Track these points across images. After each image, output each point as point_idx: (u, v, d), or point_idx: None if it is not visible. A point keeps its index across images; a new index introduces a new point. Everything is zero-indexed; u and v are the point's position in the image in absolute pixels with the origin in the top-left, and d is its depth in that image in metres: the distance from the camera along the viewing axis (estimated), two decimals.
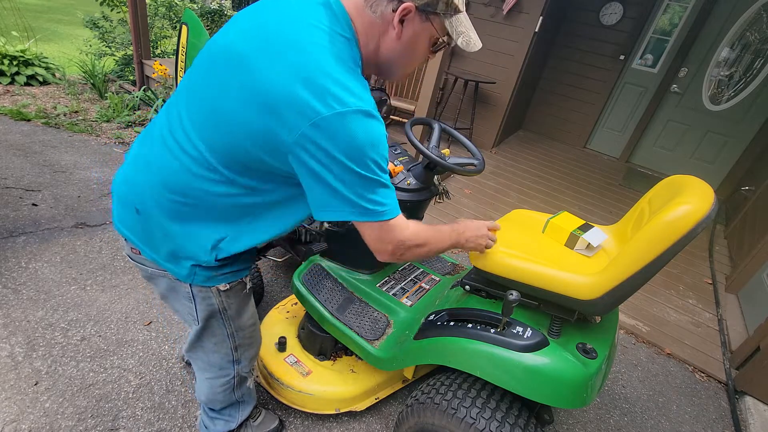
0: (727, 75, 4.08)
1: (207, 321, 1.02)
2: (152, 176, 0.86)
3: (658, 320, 2.46)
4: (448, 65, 4.38)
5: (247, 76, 0.73)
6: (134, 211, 0.90)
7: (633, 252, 0.98)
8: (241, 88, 0.74)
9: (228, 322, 1.05)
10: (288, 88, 0.70)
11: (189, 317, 1.02)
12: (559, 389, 1.04)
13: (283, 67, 0.71)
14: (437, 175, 1.53)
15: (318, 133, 0.71)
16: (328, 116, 0.70)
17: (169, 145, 0.84)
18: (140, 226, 0.91)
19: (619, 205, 3.79)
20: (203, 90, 0.81)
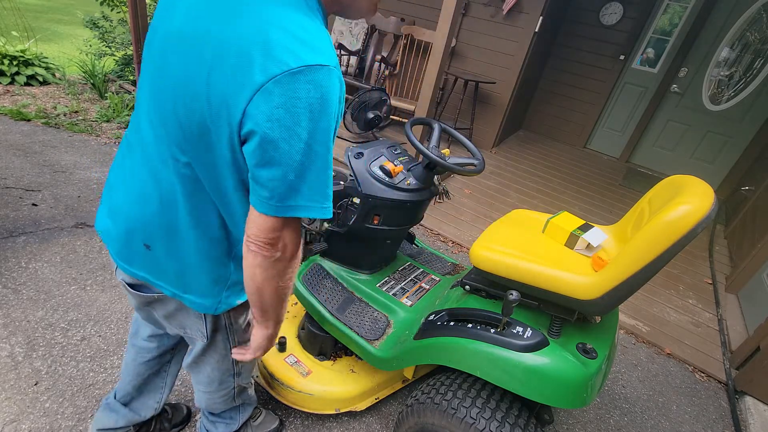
0: (727, 75, 4.08)
1: (214, 337, 0.99)
2: (151, 206, 0.79)
3: (658, 320, 2.46)
4: (448, 65, 4.38)
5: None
6: (143, 247, 0.83)
7: (633, 252, 0.98)
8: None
9: (233, 337, 1.02)
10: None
11: (197, 333, 0.98)
12: (559, 389, 1.04)
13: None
14: (437, 175, 1.53)
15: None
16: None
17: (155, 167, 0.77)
18: (154, 262, 0.84)
19: (619, 205, 3.79)
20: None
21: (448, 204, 3.34)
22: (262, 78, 0.60)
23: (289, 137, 0.62)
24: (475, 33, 4.15)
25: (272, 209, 0.67)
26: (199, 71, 0.65)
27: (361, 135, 3.78)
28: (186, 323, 0.97)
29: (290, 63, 0.60)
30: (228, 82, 0.62)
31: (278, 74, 0.60)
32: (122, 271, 0.89)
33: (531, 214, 1.50)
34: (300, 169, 0.65)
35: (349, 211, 1.53)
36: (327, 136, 0.66)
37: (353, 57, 4.55)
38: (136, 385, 1.23)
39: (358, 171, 1.45)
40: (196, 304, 0.88)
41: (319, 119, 0.63)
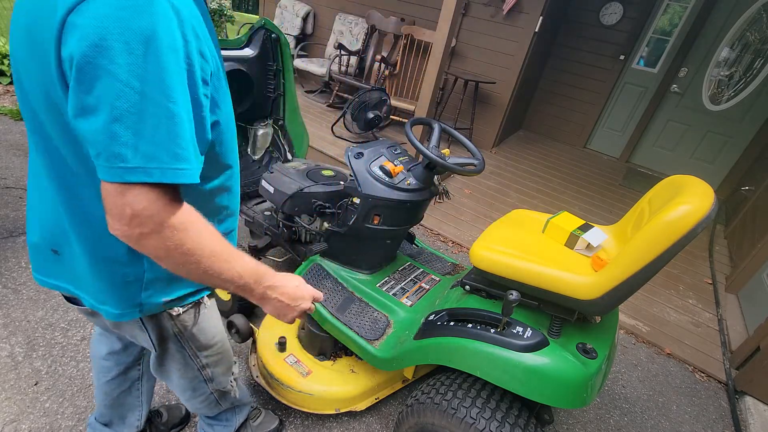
0: (727, 75, 4.08)
1: (164, 346, 0.90)
2: (43, 204, 0.74)
3: (658, 320, 2.46)
4: (448, 65, 4.38)
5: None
6: (52, 253, 0.76)
7: (633, 252, 0.98)
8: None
9: (187, 344, 0.92)
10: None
11: (146, 344, 0.89)
12: (559, 389, 1.04)
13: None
14: (437, 175, 1.54)
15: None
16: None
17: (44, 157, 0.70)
18: (65, 268, 0.77)
19: (619, 205, 3.78)
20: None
21: (448, 204, 3.34)
22: (62, 11, 0.52)
23: (105, 77, 0.52)
24: (475, 33, 4.15)
25: (102, 171, 0.55)
26: (23, 36, 0.60)
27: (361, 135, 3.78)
28: (132, 333, 0.88)
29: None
30: (42, 29, 0.55)
31: (76, 3, 0.52)
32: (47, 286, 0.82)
33: (531, 214, 1.50)
34: (126, 118, 0.53)
35: (349, 211, 1.53)
36: (163, 78, 0.54)
37: (353, 57, 4.55)
38: (108, 405, 1.18)
39: (358, 171, 1.45)
40: (115, 314, 0.77)
41: (144, 55, 0.52)
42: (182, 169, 0.58)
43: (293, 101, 2.14)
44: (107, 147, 0.54)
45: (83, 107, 0.54)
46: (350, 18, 4.83)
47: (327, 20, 5.15)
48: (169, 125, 0.56)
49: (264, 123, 2.21)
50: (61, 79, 0.56)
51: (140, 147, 0.54)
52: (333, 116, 4.31)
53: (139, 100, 0.53)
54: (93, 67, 0.52)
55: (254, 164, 2.27)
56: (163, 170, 0.56)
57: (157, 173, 0.55)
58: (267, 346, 1.57)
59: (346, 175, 1.87)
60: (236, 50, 1.96)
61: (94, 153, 0.55)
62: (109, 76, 0.52)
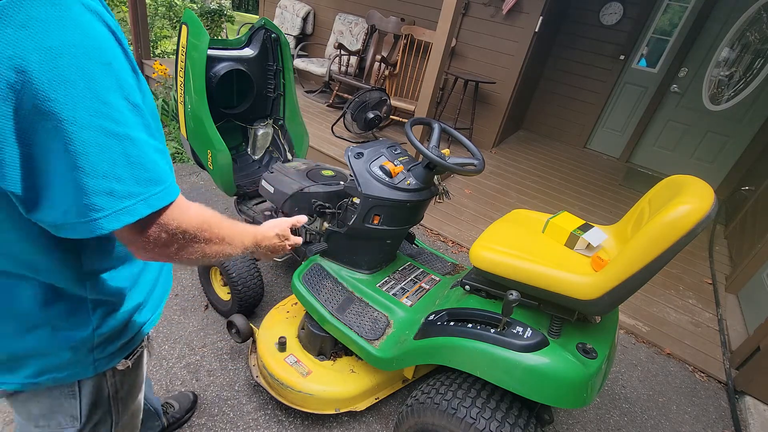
0: (727, 75, 4.08)
1: (91, 417, 0.73)
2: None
3: (658, 320, 2.46)
4: (448, 65, 4.38)
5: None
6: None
7: (633, 252, 0.98)
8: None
9: (116, 409, 0.77)
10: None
11: (66, 419, 0.71)
12: (559, 389, 1.04)
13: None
14: (437, 175, 1.54)
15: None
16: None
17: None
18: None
19: (619, 205, 3.78)
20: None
21: (448, 204, 3.34)
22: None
23: (36, 121, 0.42)
24: (475, 33, 4.15)
25: (79, 229, 0.48)
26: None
27: (361, 135, 3.79)
28: (42, 412, 0.70)
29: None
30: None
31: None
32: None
33: (531, 214, 1.50)
34: (83, 159, 0.45)
35: (349, 211, 1.53)
36: (103, 98, 0.45)
37: (353, 57, 4.55)
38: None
39: (358, 171, 1.45)
40: (60, 378, 0.65)
41: (79, 80, 0.43)
42: (159, 191, 0.53)
43: (293, 101, 2.14)
44: (77, 203, 0.46)
45: (25, 171, 0.44)
46: (350, 18, 4.84)
47: (327, 20, 5.15)
48: (133, 152, 0.49)
49: (264, 123, 2.21)
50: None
51: (116, 188, 0.48)
52: (333, 116, 4.31)
53: (99, 137, 0.45)
54: (22, 115, 0.41)
55: (254, 164, 2.28)
56: (147, 200, 0.51)
57: (141, 207, 0.51)
58: (267, 346, 1.57)
59: (346, 175, 1.88)
60: (236, 50, 1.96)
61: (57, 215, 0.47)
62: (50, 119, 0.42)
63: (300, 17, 5.19)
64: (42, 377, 0.64)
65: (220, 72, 1.84)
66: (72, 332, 0.63)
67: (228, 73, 1.88)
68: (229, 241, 0.65)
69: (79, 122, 0.44)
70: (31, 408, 0.69)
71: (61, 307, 0.61)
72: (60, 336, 0.62)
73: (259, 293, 1.93)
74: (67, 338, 0.63)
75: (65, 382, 0.67)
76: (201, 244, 0.60)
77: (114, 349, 0.70)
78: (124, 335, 0.71)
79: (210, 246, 0.62)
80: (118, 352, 0.71)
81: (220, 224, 0.63)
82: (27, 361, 0.63)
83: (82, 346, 0.65)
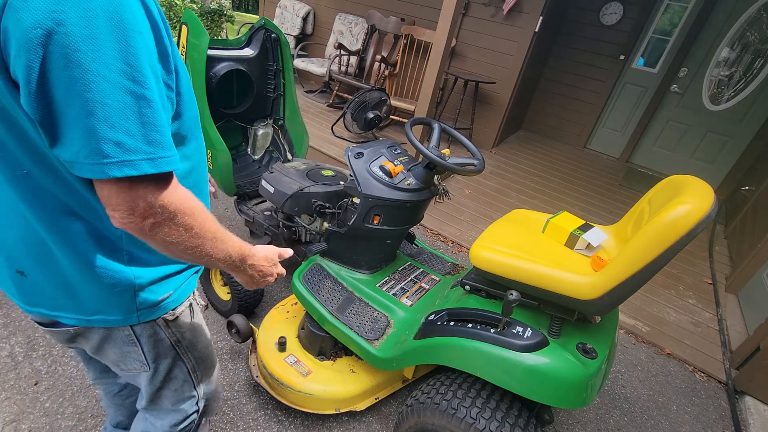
0: (727, 75, 4.08)
1: (159, 363, 0.83)
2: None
3: (658, 320, 2.46)
4: (448, 65, 4.38)
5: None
6: (18, 275, 0.69)
7: (633, 252, 0.98)
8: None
9: (186, 355, 0.86)
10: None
11: (136, 364, 0.82)
12: (559, 389, 1.04)
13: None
14: (437, 175, 1.54)
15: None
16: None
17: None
18: (35, 290, 0.70)
19: (619, 205, 3.78)
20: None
21: (448, 204, 3.34)
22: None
23: (70, 69, 0.47)
24: (475, 33, 4.15)
25: (86, 169, 0.52)
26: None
27: (361, 135, 3.79)
28: (118, 357, 0.80)
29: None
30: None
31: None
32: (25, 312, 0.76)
33: (531, 214, 1.50)
34: (103, 111, 0.49)
35: (349, 211, 1.53)
36: (135, 64, 0.51)
37: (353, 57, 4.55)
38: (125, 414, 1.13)
39: (358, 171, 1.45)
40: (110, 321, 0.73)
41: (111, 40, 0.48)
42: (161, 156, 0.55)
43: (293, 101, 2.14)
44: (87, 144, 0.50)
45: (48, 107, 0.49)
46: (350, 18, 4.84)
47: (327, 20, 5.15)
48: (148, 113, 0.53)
49: (264, 123, 2.21)
50: (5, 76, 0.50)
51: (125, 141, 0.51)
52: (333, 116, 4.31)
53: (118, 92, 0.50)
54: (53, 60, 0.46)
55: (254, 164, 2.28)
56: (153, 161, 0.53)
57: (146, 164, 0.53)
58: (267, 346, 1.57)
59: (346, 175, 1.87)
60: (236, 50, 1.96)
61: (71, 153, 0.51)
62: (77, 67, 0.47)
63: (300, 17, 5.19)
64: (94, 317, 0.72)
65: (220, 72, 1.84)
66: (112, 278, 0.69)
67: (228, 73, 1.89)
68: (210, 240, 0.64)
69: (101, 75, 0.48)
70: (109, 352, 0.79)
71: (103, 251, 0.67)
72: (103, 279, 0.68)
73: (259, 293, 1.93)
74: (109, 282, 0.69)
75: (115, 325, 0.74)
76: (180, 229, 0.59)
77: (155, 301, 0.75)
78: (163, 289, 0.76)
79: (189, 235, 0.60)
80: (160, 304, 0.76)
81: (205, 218, 0.62)
82: (80, 298, 0.70)
83: (124, 293, 0.71)
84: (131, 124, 0.51)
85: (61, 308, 0.71)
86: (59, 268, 0.67)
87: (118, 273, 0.69)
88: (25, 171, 0.59)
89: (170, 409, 0.93)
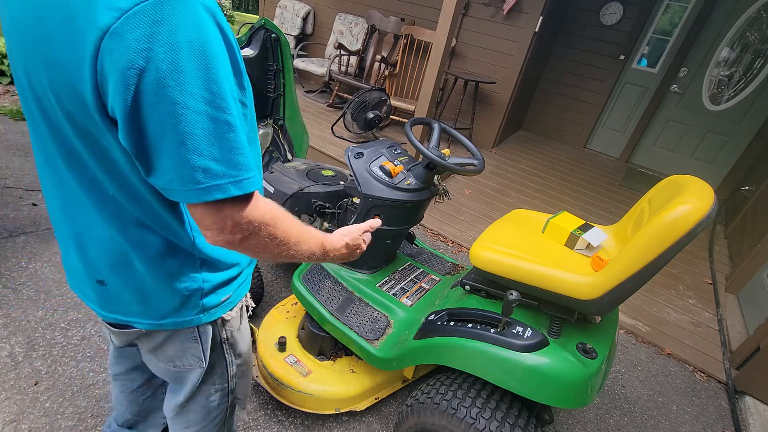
0: (727, 75, 4.08)
1: (211, 357, 0.88)
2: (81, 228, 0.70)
3: (658, 320, 2.46)
4: (448, 65, 4.38)
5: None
6: (98, 285, 0.74)
7: (633, 252, 0.98)
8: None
9: (229, 353, 0.91)
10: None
11: (192, 360, 0.86)
12: (559, 389, 1.04)
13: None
14: (437, 175, 1.54)
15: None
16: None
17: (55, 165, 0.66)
18: (112, 298, 0.75)
19: (619, 205, 3.78)
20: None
21: (448, 204, 3.34)
22: (93, 35, 0.47)
23: (162, 103, 0.49)
24: (475, 33, 4.15)
25: (179, 195, 0.56)
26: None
27: (361, 135, 3.79)
28: (176, 354, 0.85)
29: (119, 3, 0.46)
30: (64, 52, 0.50)
31: (109, 25, 0.46)
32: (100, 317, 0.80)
33: (531, 214, 1.50)
34: (193, 140, 0.52)
35: (349, 211, 1.53)
36: (218, 91, 0.53)
37: (353, 57, 4.55)
38: (135, 412, 1.14)
39: (358, 171, 1.45)
40: (178, 323, 0.78)
41: (197, 70, 0.51)
42: (245, 178, 0.58)
43: (293, 101, 2.14)
44: (179, 174, 0.54)
45: (142, 141, 0.52)
46: (350, 18, 4.84)
47: (327, 20, 5.15)
48: (231, 137, 0.56)
49: (264, 123, 2.21)
50: (98, 109, 0.52)
51: (213, 167, 0.55)
52: (333, 116, 4.31)
53: (203, 121, 0.52)
54: (145, 97, 0.49)
55: None
56: (238, 183, 0.57)
57: (232, 188, 0.56)
58: (267, 346, 1.57)
59: (346, 175, 1.87)
60: None
61: (164, 181, 0.55)
62: (166, 101, 0.50)
63: (300, 17, 5.19)
64: (165, 320, 0.77)
65: None
66: (185, 283, 0.74)
67: None
68: (294, 243, 0.69)
69: (188, 106, 0.50)
70: (168, 350, 0.83)
71: (177, 260, 0.72)
72: (176, 285, 0.73)
73: (259, 293, 1.93)
74: (182, 288, 0.74)
75: (184, 326, 0.79)
76: (265, 239, 0.64)
77: (218, 302, 0.81)
78: (225, 291, 0.82)
79: (274, 243, 0.65)
80: (222, 304, 0.82)
81: (287, 225, 0.67)
82: (153, 304, 0.75)
83: (194, 296, 0.76)
84: (217, 150, 0.54)
85: (135, 314, 0.76)
86: (137, 277, 0.72)
87: (190, 279, 0.75)
88: (111, 194, 0.64)
89: (204, 411, 0.97)
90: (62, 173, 0.65)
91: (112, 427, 1.18)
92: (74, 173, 0.63)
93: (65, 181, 0.65)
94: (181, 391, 0.92)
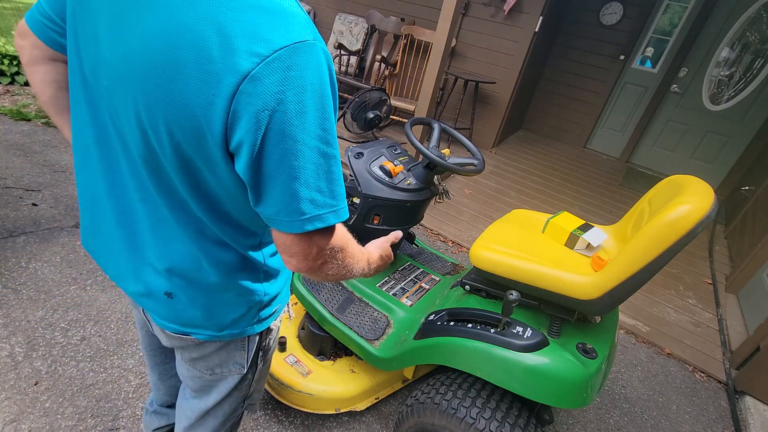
0: (727, 75, 4.08)
1: (250, 366, 0.91)
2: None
3: (658, 320, 2.46)
4: (448, 65, 4.38)
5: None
6: (165, 297, 0.74)
7: (633, 252, 0.98)
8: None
9: (262, 359, 0.93)
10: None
11: (234, 367, 0.87)
12: (559, 389, 1.04)
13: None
14: (437, 175, 1.54)
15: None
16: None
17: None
18: (180, 310, 0.75)
19: (619, 205, 3.79)
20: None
21: (448, 204, 3.34)
22: (231, 81, 0.49)
23: (284, 142, 0.52)
24: (475, 33, 4.15)
25: (284, 225, 0.58)
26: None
27: (361, 135, 3.79)
28: (220, 362, 0.86)
29: (260, 50, 0.49)
30: (194, 90, 0.51)
31: (246, 73, 0.49)
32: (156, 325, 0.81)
33: (531, 214, 1.50)
34: (305, 175, 0.55)
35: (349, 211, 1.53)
36: (329, 129, 0.57)
37: (353, 57, 4.55)
38: (173, 394, 1.16)
39: (358, 171, 1.45)
40: (234, 333, 0.81)
41: (316, 110, 0.54)
42: (341, 207, 0.61)
43: None
44: (288, 205, 0.56)
45: (258, 174, 0.55)
46: (350, 18, 4.84)
47: (327, 20, 5.15)
48: (335, 170, 0.59)
49: None
50: (218, 144, 0.54)
51: (317, 198, 0.57)
52: None
53: (315, 156, 0.55)
54: (271, 136, 0.52)
55: None
56: (336, 212, 0.60)
57: (331, 217, 0.59)
58: None
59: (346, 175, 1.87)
60: None
61: (272, 211, 0.58)
62: (289, 139, 0.52)
63: None
64: (223, 332, 0.79)
65: None
66: (249, 296, 0.77)
67: None
68: (355, 263, 0.72)
69: (305, 143, 0.54)
70: (213, 359, 0.85)
71: (246, 274, 0.75)
72: (242, 298, 0.76)
73: None
74: (245, 300, 0.77)
75: (238, 336, 0.81)
76: (338, 263, 0.67)
77: (271, 312, 0.84)
78: (277, 301, 0.85)
79: (342, 266, 0.69)
80: (273, 315, 0.86)
81: (352, 248, 0.71)
82: (216, 318, 0.77)
83: (254, 308, 0.79)
84: (323, 182, 0.57)
85: (196, 326, 0.78)
86: (207, 291, 0.74)
87: (254, 293, 0.77)
88: (198, 216, 0.66)
89: (224, 414, 0.98)
90: (135, 196, 0.67)
91: (154, 406, 1.22)
92: (163, 195, 0.64)
93: (150, 200, 0.66)
94: (209, 395, 0.93)
